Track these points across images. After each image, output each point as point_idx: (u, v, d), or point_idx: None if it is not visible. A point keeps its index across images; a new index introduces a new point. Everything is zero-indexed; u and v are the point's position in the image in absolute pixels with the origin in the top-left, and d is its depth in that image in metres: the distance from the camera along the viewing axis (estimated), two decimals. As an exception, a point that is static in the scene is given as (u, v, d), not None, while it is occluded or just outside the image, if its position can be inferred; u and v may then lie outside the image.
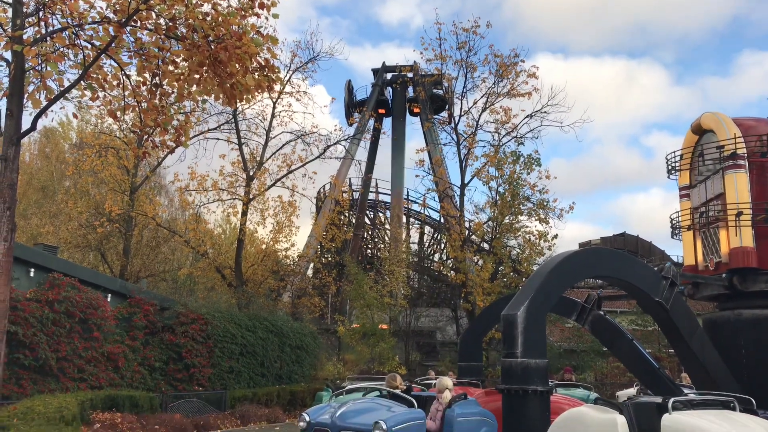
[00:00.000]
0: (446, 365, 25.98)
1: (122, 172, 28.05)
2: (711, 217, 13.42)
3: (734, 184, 12.81)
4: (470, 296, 26.46)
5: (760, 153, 12.88)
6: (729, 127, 13.13)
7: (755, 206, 12.69)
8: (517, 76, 27.97)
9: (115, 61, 10.57)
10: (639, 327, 28.31)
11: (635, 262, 12.61)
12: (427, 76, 33.90)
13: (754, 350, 12.66)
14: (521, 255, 27.84)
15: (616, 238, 41.36)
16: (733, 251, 12.79)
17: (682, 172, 14.60)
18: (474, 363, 17.90)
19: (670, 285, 11.91)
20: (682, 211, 14.48)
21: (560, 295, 12.08)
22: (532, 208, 27.21)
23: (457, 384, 14.71)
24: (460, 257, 27.66)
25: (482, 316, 19.66)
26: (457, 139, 29.14)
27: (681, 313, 12.18)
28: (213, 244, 31.44)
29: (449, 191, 30.90)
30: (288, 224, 30.21)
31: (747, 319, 12.94)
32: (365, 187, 44.56)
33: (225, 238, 40.02)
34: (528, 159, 27.36)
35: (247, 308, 25.01)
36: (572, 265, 11.33)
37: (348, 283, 32.30)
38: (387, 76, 45.32)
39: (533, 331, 10.12)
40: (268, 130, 28.70)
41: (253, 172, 28.22)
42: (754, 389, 10.60)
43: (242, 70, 10.34)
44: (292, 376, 23.76)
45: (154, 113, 10.70)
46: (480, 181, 28.67)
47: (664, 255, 37.92)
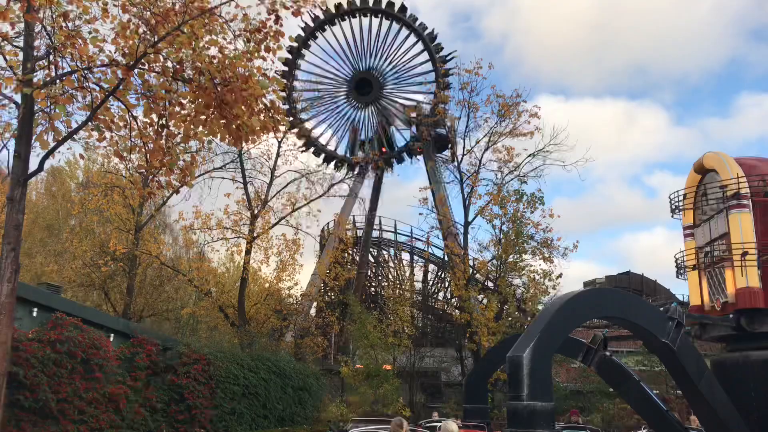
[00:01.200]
0: (451, 407, 25.61)
1: (127, 210, 28.20)
2: (716, 256, 13.35)
3: (738, 224, 12.76)
4: (475, 336, 26.22)
5: (764, 192, 12.88)
6: (731, 167, 13.16)
7: (760, 246, 12.62)
8: (519, 116, 28.29)
9: (122, 103, 10.73)
10: (646, 368, 27.93)
11: (641, 303, 12.51)
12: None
13: (763, 392, 12.44)
14: (526, 294, 27.68)
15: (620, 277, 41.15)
16: (739, 291, 12.68)
17: (686, 211, 14.57)
18: (480, 405, 17.61)
19: (677, 326, 11.77)
20: (687, 251, 14.40)
21: (567, 336, 11.96)
22: (536, 246, 27.18)
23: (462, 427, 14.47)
24: (464, 296, 27.51)
25: (487, 357, 19.42)
26: (460, 178, 29.31)
27: (688, 355, 12.01)
28: (216, 282, 31.37)
29: (453, 229, 30.93)
30: (291, 263, 30.22)
31: (756, 361, 12.74)
32: (369, 224, 44.60)
33: (228, 277, 39.91)
34: (531, 198, 27.45)
35: (250, 348, 24.82)
36: (578, 305, 11.24)
37: (351, 322, 32.08)
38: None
39: (539, 373, 9.98)
40: (273, 168, 28.97)
41: (258, 210, 28.34)
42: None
43: (248, 111, 10.48)
44: (295, 417, 23.40)
45: (160, 154, 10.81)
46: (484, 219, 28.74)
47: (669, 294, 37.64)
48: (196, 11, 10.09)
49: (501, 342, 19.75)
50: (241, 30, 10.48)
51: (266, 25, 10.55)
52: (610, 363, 14.52)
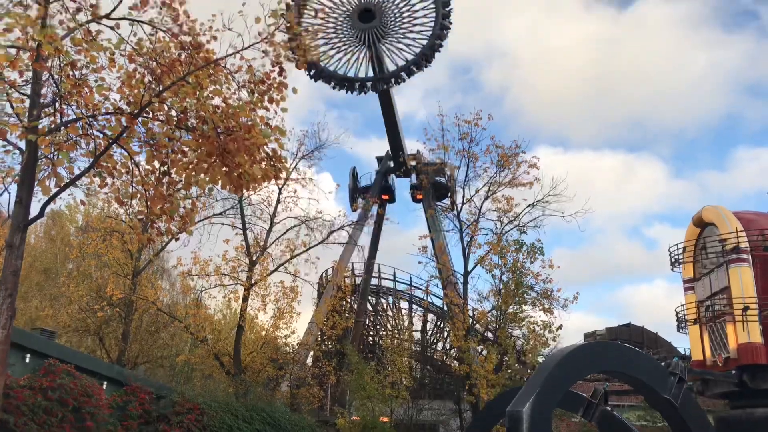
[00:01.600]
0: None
1: (125, 255, 28.15)
2: (717, 311, 13.28)
3: (739, 278, 12.74)
4: (474, 388, 25.80)
5: (763, 247, 12.89)
6: (730, 221, 13.21)
7: (761, 301, 12.57)
8: (518, 167, 28.50)
9: (125, 150, 10.82)
10: (648, 423, 27.40)
11: (642, 357, 12.36)
12: (430, 165, 34.53)
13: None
14: (526, 346, 27.38)
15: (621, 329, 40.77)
16: (741, 347, 12.57)
17: (686, 264, 14.57)
18: (478, 460, 17.21)
19: (679, 381, 11.62)
20: (688, 305, 14.34)
21: (567, 390, 11.78)
22: (536, 297, 27.01)
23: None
24: (463, 347, 27.20)
25: (486, 410, 19.05)
26: (459, 227, 29.32)
27: (691, 411, 11.81)
28: (212, 330, 31.07)
29: (452, 279, 30.81)
30: (289, 310, 29.99)
31: (759, 418, 12.54)
32: (368, 272, 44.44)
33: (225, 324, 39.55)
34: (531, 248, 27.41)
35: (245, 398, 24.40)
36: (578, 359, 11.11)
37: (348, 372, 31.62)
38: (390, 164, 46.13)
39: (540, 429, 9.79)
40: (272, 215, 29.02)
41: (256, 257, 28.27)
42: (771, 494, 10.14)
43: (250, 160, 10.56)
44: (289, 470, 22.82)
45: (160, 201, 10.85)
46: (483, 269, 28.64)
47: (670, 347, 37.23)
48: (202, 62, 10.29)
49: (500, 395, 19.42)
50: (246, 81, 10.65)
51: (270, 76, 10.73)
52: (611, 418, 14.27)
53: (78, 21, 10.07)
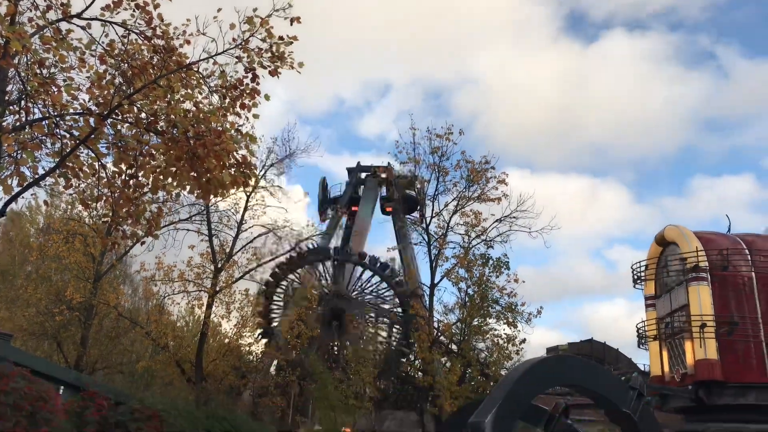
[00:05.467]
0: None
1: (88, 259, 27.57)
2: (676, 328, 13.60)
3: (698, 297, 13.09)
4: (437, 400, 25.85)
5: (722, 266, 13.27)
6: (691, 241, 13.58)
7: (718, 318, 12.92)
8: (487, 182, 28.78)
9: (92, 152, 10.64)
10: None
11: (602, 372, 12.58)
12: (401, 178, 34.66)
13: (722, 466, 12.49)
14: (489, 358, 27.54)
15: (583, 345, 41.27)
16: (698, 363, 12.89)
17: (648, 282, 14.92)
18: (439, 472, 17.26)
19: (638, 396, 11.86)
20: (648, 321, 14.66)
21: (529, 403, 11.92)
22: (501, 311, 27.22)
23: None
24: (428, 358, 27.25)
25: (449, 422, 19.15)
26: (428, 240, 29.45)
27: (649, 425, 12.05)
28: (174, 336, 30.53)
29: (419, 291, 30.88)
30: (253, 318, 29.64)
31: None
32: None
33: (187, 331, 38.88)
34: (497, 262, 27.65)
35: (206, 406, 24.02)
36: (541, 372, 11.26)
37: (312, 382, 31.39)
38: (362, 176, 46.20)
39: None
40: (239, 222, 28.71)
41: (222, 264, 27.95)
42: None
43: (219, 166, 10.48)
44: (249, 480, 22.51)
45: (127, 204, 10.69)
46: (450, 281, 28.77)
47: (631, 363, 37.81)
48: (174, 65, 10.21)
49: (463, 407, 19.51)
50: (218, 86, 10.59)
51: (243, 82, 10.70)
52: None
53: (48, 19, 9.91)
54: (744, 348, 12.81)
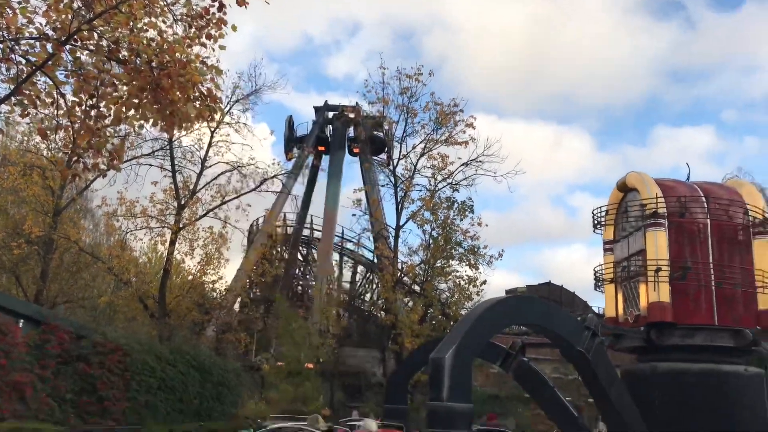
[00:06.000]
0: (371, 407, 25.76)
1: (47, 192, 26.93)
2: (632, 271, 14.01)
3: (654, 242, 13.45)
4: (399, 338, 26.47)
5: (679, 213, 13.62)
6: (651, 187, 13.86)
7: (673, 264, 13.34)
8: (455, 125, 28.76)
9: (50, 79, 10.24)
10: (560, 375, 28.93)
11: (560, 312, 12.99)
12: (369, 118, 34.36)
13: (667, 402, 13.16)
14: (451, 299, 28.16)
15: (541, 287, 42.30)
16: (651, 305, 13.36)
17: (607, 227, 15.24)
18: (399, 405, 17.81)
19: (592, 335, 12.29)
20: (606, 265, 15.06)
21: (488, 341, 12.28)
22: (464, 253, 27.70)
23: (381, 426, 14.58)
24: (391, 298, 27.73)
25: (410, 359, 19.69)
26: (394, 182, 29.53)
27: (601, 364, 12.55)
28: (137, 272, 30.37)
29: (384, 232, 31.13)
30: (217, 256, 29.63)
31: (662, 372, 13.47)
32: (300, 223, 44.26)
33: (150, 267, 38.68)
34: (462, 206, 27.96)
35: (169, 341, 24.19)
36: (500, 311, 11.56)
37: (276, 319, 31.73)
38: (329, 115, 45.60)
39: (460, 376, 10.20)
40: (203, 159, 28.33)
41: (185, 200, 27.65)
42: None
43: (184, 98, 10.21)
44: (212, 413, 22.98)
45: (88, 135, 10.39)
46: (415, 224, 29.04)
47: (586, 306, 39.05)
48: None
49: (424, 344, 20.03)
50: (183, 14, 10.22)
51: (209, 11, 10.33)
52: (527, 369, 15.01)
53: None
54: (695, 292, 13.31)
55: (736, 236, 13.82)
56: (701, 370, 13.17)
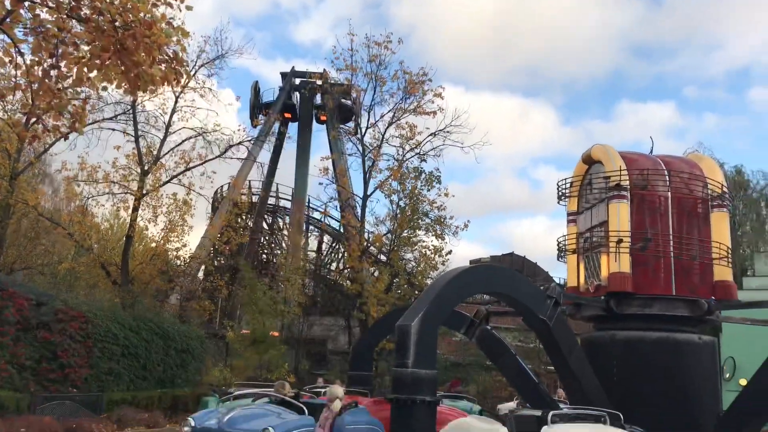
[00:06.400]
0: (336, 374, 26.00)
1: (3, 155, 26.09)
2: (594, 242, 14.30)
3: (617, 213, 13.73)
4: (365, 306, 26.65)
5: (641, 186, 13.90)
6: (615, 160, 14.09)
7: (634, 235, 13.66)
8: (424, 95, 28.64)
9: (8, 36, 9.86)
10: (522, 343, 29.60)
11: (523, 281, 13.22)
12: (337, 85, 34.00)
13: (625, 369, 13.59)
14: (416, 268, 28.40)
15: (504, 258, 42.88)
16: (611, 276, 13.68)
17: (571, 198, 15.49)
18: (364, 372, 18.04)
19: (554, 304, 12.58)
20: (569, 236, 15.34)
21: (453, 309, 12.47)
22: (430, 223, 27.87)
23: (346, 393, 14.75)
24: (357, 267, 27.83)
25: (375, 327, 19.89)
26: (362, 151, 29.40)
27: (562, 332, 12.88)
28: (99, 239, 29.84)
29: (351, 201, 31.07)
30: (181, 223, 29.22)
31: (620, 340, 13.87)
32: (266, 191, 43.85)
33: (112, 234, 38.02)
34: (429, 176, 28.03)
35: (132, 308, 23.92)
36: (466, 280, 11.73)
37: (241, 287, 31.63)
38: (296, 81, 44.99)
39: (425, 343, 10.37)
40: (167, 124, 27.74)
41: (149, 166, 27.13)
42: (623, 405, 11.35)
43: (149, 60, 9.94)
44: (176, 380, 22.95)
45: (47, 96, 10.07)
46: (382, 193, 29.06)
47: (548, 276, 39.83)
48: (98, -54, 9.41)
49: (389, 313, 20.23)
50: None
51: (175, -30, 10.01)
52: (490, 337, 15.33)
53: None
54: (654, 263, 13.66)
55: (695, 209, 14.20)
56: (657, 339, 13.61)
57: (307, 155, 45.77)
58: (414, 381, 10.10)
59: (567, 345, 12.96)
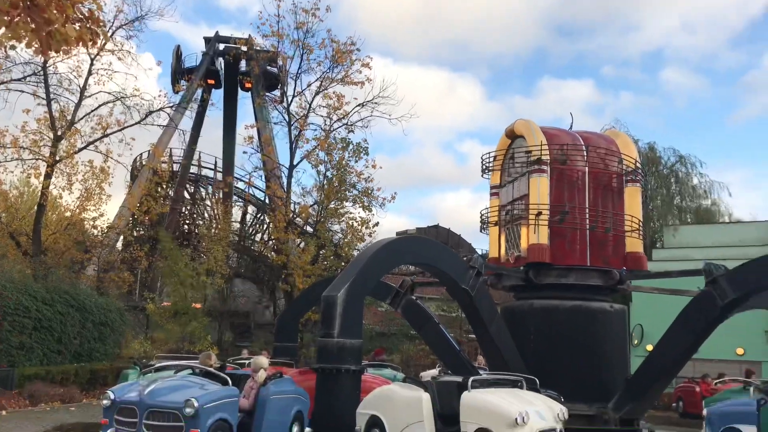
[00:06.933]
0: (261, 345, 25.90)
1: None
2: (515, 215, 14.75)
3: (537, 187, 14.19)
4: (290, 278, 26.54)
5: (561, 160, 14.39)
6: (537, 135, 14.51)
7: (553, 208, 14.17)
8: (351, 64, 28.39)
9: None
10: (445, 312, 30.37)
11: (447, 252, 13.51)
12: (262, 52, 33.22)
13: (541, 336, 14.19)
14: (343, 240, 28.45)
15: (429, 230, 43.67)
16: (530, 247, 14.18)
17: (494, 172, 15.86)
18: (289, 343, 18.07)
19: (476, 274, 12.95)
20: (491, 208, 15.74)
21: (379, 280, 12.63)
22: (357, 195, 27.89)
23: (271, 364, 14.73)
24: (283, 239, 27.60)
25: (301, 298, 19.90)
26: (288, 120, 28.96)
27: (483, 301, 13.30)
28: (8, 207, 28.26)
29: (277, 171, 30.66)
30: (98, 192, 28.03)
31: (537, 309, 14.46)
32: (187, 159, 42.62)
33: (22, 203, 36.08)
34: (357, 147, 27.96)
35: (45, 280, 22.88)
36: (392, 251, 11.88)
37: (161, 259, 30.83)
38: (220, 47, 43.66)
39: (351, 313, 10.48)
40: (83, 87, 26.34)
41: (62, 131, 25.78)
42: (539, 370, 11.89)
43: (62, 18, 9.40)
44: (94, 353, 22.23)
45: (-52, 52, 9.39)
46: (309, 164, 28.81)
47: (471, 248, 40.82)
48: None
49: (314, 284, 20.26)
50: (59, -77, 9.28)
51: None
52: (414, 306, 15.64)
53: None
54: (571, 234, 14.23)
55: (610, 183, 14.85)
56: (572, 307, 14.27)
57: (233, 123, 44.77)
58: (339, 350, 10.21)
59: (487, 314, 13.39)
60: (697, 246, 27.66)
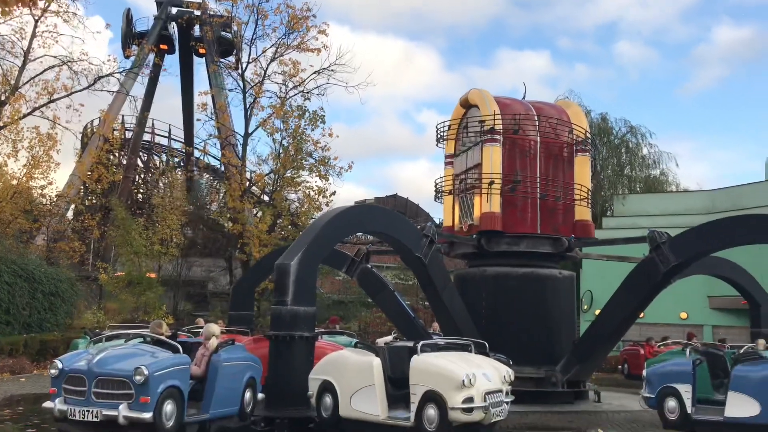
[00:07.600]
0: (217, 314, 25.80)
1: None
2: (468, 184, 14.92)
3: (490, 156, 14.36)
4: (246, 247, 26.38)
5: (513, 130, 14.57)
6: (490, 104, 14.63)
7: (505, 177, 14.38)
8: (308, 31, 27.96)
9: None
10: (401, 281, 30.69)
11: (401, 220, 13.62)
12: (216, 17, 32.42)
13: (492, 302, 14.53)
14: (300, 209, 28.33)
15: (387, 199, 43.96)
16: (483, 215, 14.41)
17: (449, 141, 15.97)
18: (245, 312, 18.04)
19: (430, 243, 13.10)
20: (445, 177, 15.88)
21: (333, 248, 12.67)
22: (314, 164, 27.73)
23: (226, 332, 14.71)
24: (239, 207, 27.34)
25: (257, 267, 19.84)
26: (243, 87, 28.48)
27: (437, 269, 13.49)
28: (-52, 174, 27.24)
29: (232, 139, 30.20)
30: (46, 159, 27.19)
31: (489, 276, 14.76)
32: (140, 126, 41.67)
33: (-35, 170, 34.81)
34: (313, 115, 27.70)
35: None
36: (346, 219, 11.91)
37: (114, 228, 30.26)
38: (172, 11, 42.42)
39: (305, 281, 10.51)
40: (26, 50, 25.37)
41: (6, 96, 24.87)
42: (491, 335, 12.19)
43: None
44: (44, 324, 21.85)
45: None
46: (265, 132, 28.45)
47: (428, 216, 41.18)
48: None
49: (271, 252, 20.19)
50: None
51: None
52: (370, 275, 15.77)
53: None
54: (522, 203, 14.50)
55: (561, 153, 15.12)
56: (523, 274, 14.61)
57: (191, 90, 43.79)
58: (292, 318, 10.27)
59: (441, 281, 13.61)
60: (645, 214, 28.44)
